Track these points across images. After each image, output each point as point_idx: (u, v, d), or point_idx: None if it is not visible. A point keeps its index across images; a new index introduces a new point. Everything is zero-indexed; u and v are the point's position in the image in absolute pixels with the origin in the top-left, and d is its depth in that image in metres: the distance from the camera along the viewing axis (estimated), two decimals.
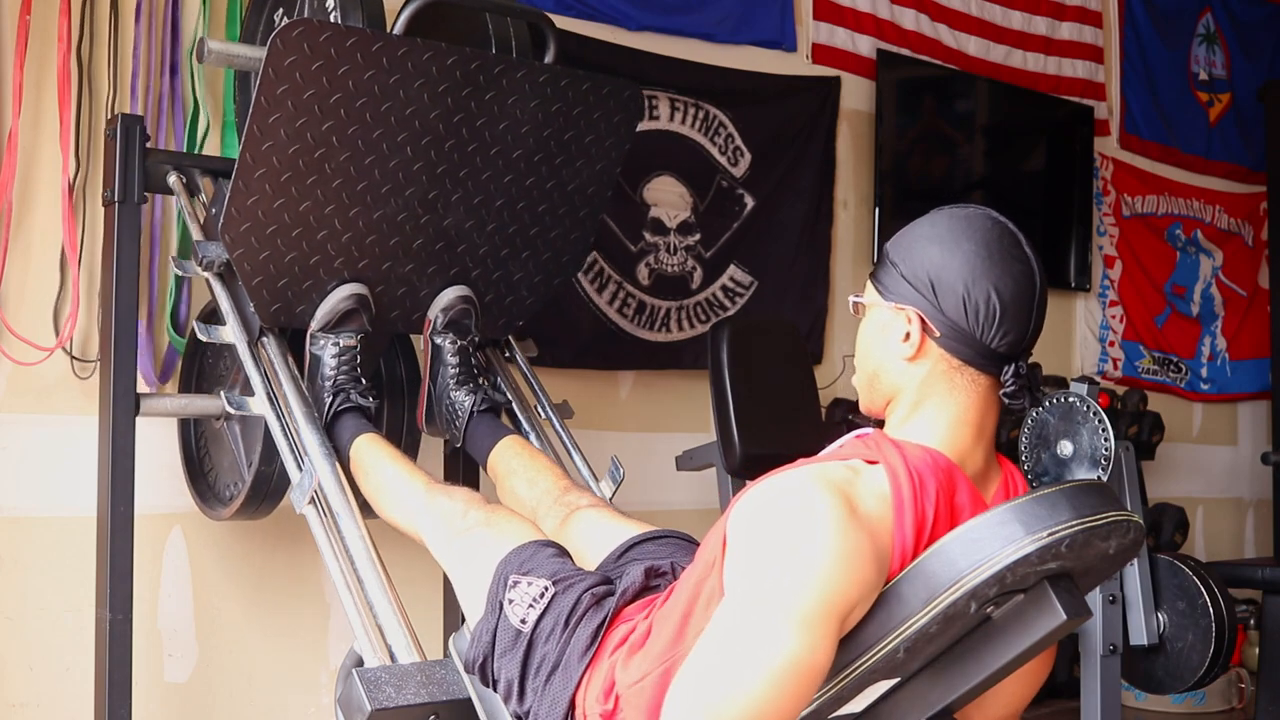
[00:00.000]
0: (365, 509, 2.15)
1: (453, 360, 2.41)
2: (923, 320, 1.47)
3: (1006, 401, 1.49)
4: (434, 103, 2.24)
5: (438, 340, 2.43)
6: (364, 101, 2.17)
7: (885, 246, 1.55)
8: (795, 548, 1.32)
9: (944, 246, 1.47)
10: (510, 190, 2.43)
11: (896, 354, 1.49)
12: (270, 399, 2.24)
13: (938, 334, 1.47)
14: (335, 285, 2.32)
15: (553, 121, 2.39)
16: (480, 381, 2.44)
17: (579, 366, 3.51)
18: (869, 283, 1.56)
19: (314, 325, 2.33)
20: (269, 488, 2.47)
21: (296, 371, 2.28)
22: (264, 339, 2.31)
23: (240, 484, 2.53)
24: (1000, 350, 1.46)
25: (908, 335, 1.48)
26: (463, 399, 2.39)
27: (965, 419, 1.48)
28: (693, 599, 1.51)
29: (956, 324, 1.46)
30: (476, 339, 2.48)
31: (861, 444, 1.50)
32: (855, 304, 1.58)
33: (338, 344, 2.32)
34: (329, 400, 2.29)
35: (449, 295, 2.43)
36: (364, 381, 2.34)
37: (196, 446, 2.76)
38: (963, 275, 1.46)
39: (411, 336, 2.69)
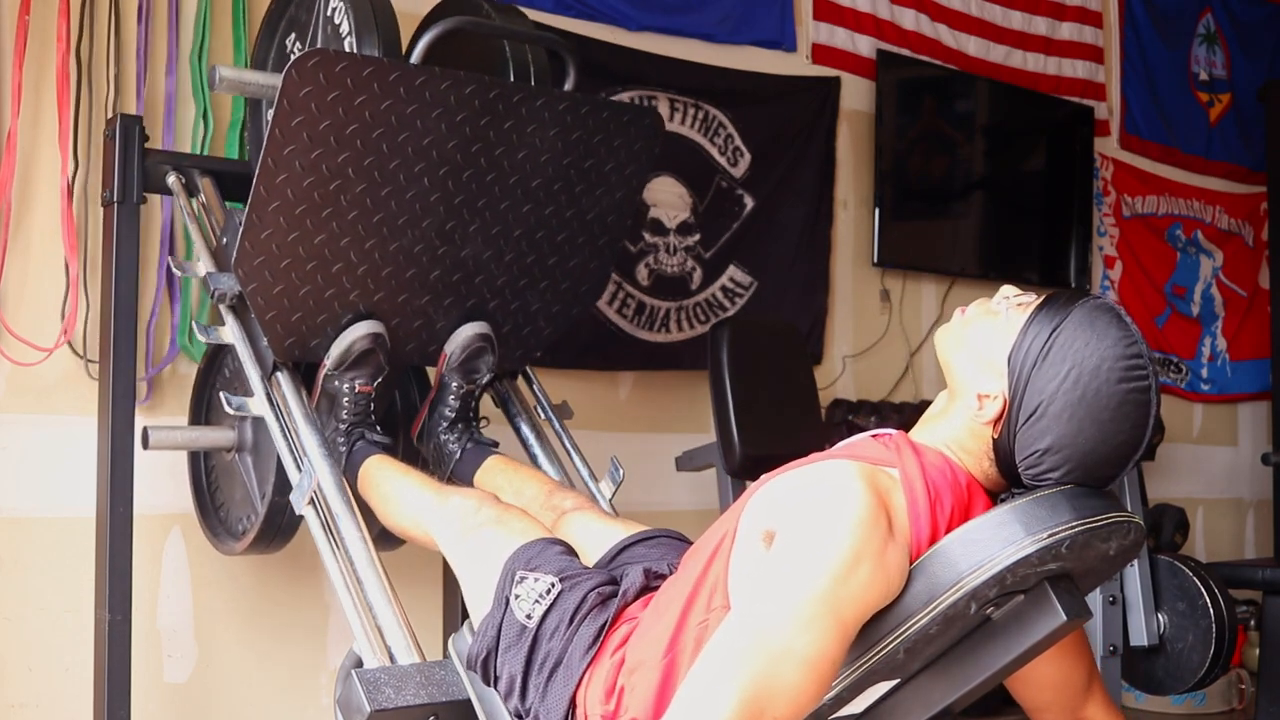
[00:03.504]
0: (379, 542, 2.13)
1: (453, 403, 2.39)
2: (1001, 415, 1.45)
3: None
4: (452, 132, 2.19)
5: (446, 378, 2.40)
6: (381, 132, 2.13)
7: (1063, 322, 1.41)
8: (847, 557, 1.32)
9: (1074, 408, 1.39)
10: (529, 220, 2.38)
11: (971, 388, 1.48)
12: (269, 398, 2.23)
13: (996, 435, 1.46)
14: (351, 320, 2.27)
15: (573, 150, 2.34)
16: (473, 428, 2.42)
17: (579, 367, 3.50)
18: (1026, 310, 1.46)
19: (329, 365, 2.28)
20: (283, 520, 2.42)
21: (305, 394, 2.26)
22: (278, 375, 2.26)
23: (253, 517, 2.48)
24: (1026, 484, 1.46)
25: (981, 403, 1.46)
26: (451, 445, 2.39)
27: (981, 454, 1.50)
28: (693, 591, 1.51)
29: (1013, 456, 1.45)
30: (486, 379, 2.43)
31: (879, 445, 1.49)
32: (1008, 304, 1.49)
33: (354, 388, 2.28)
34: (344, 443, 2.28)
35: (467, 332, 2.37)
36: (379, 429, 2.33)
37: (207, 481, 2.72)
38: (1060, 441, 1.40)
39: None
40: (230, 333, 2.31)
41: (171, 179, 2.50)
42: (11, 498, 2.74)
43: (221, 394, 2.27)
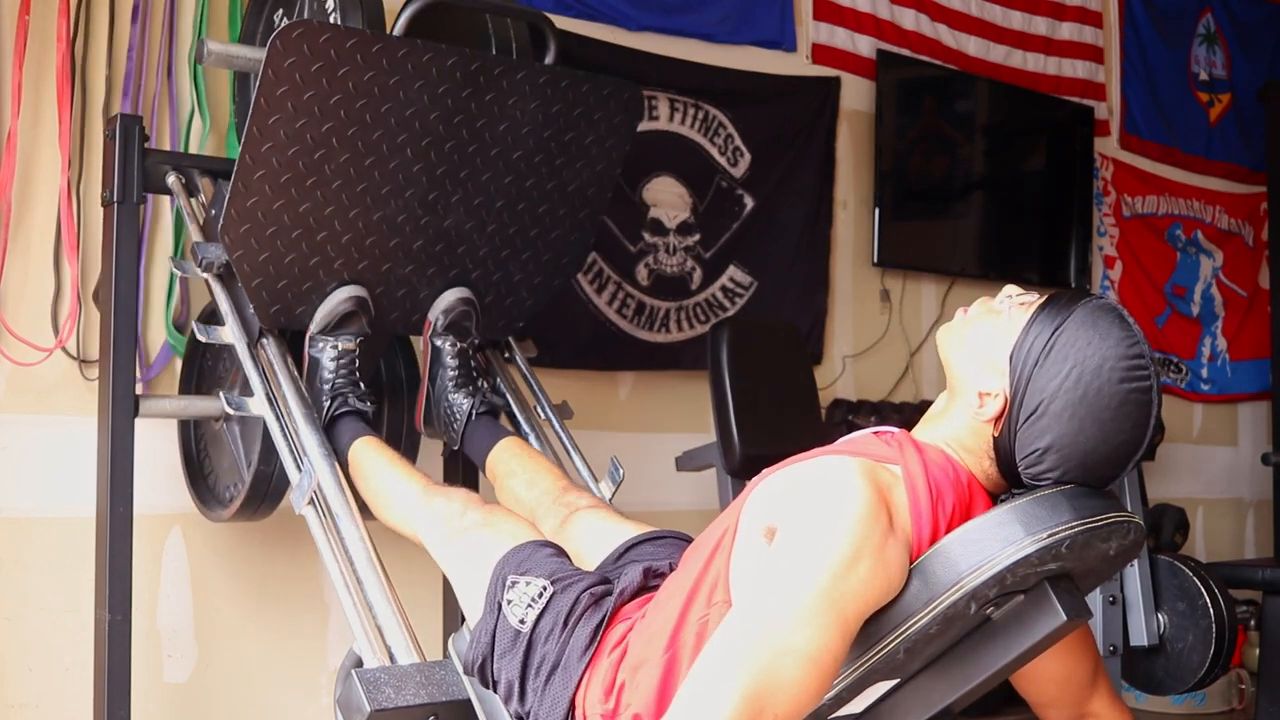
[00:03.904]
0: (365, 511, 2.15)
1: (452, 363, 2.42)
2: (1002, 413, 1.45)
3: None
4: (434, 104, 2.24)
5: (437, 342, 2.43)
6: (364, 103, 2.17)
7: (1065, 321, 1.41)
8: (847, 553, 1.31)
9: (1074, 407, 1.39)
10: (510, 191, 2.42)
11: (972, 386, 1.48)
12: (269, 399, 2.24)
13: (997, 434, 1.46)
14: (335, 287, 2.32)
15: (553, 122, 2.39)
16: (479, 384, 2.44)
17: (578, 367, 3.50)
18: (1028, 309, 1.46)
19: (313, 328, 2.33)
20: (268, 488, 2.47)
21: (296, 373, 2.28)
22: (263, 340, 2.30)
23: (240, 485, 2.52)
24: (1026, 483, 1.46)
25: (982, 401, 1.46)
26: (461, 402, 2.40)
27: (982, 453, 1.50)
28: (695, 586, 1.50)
29: (1013, 455, 1.44)
30: (476, 341, 2.48)
31: (881, 442, 1.49)
32: (1010, 304, 1.49)
33: (336, 347, 2.32)
34: (327, 404, 2.29)
35: (449, 297, 2.43)
36: (362, 386, 2.34)
37: (196, 448, 2.75)
38: (1060, 440, 1.40)
39: (412, 337, 2.69)
40: (217, 299, 2.34)
41: (171, 179, 2.50)
42: (11, 498, 2.74)
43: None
